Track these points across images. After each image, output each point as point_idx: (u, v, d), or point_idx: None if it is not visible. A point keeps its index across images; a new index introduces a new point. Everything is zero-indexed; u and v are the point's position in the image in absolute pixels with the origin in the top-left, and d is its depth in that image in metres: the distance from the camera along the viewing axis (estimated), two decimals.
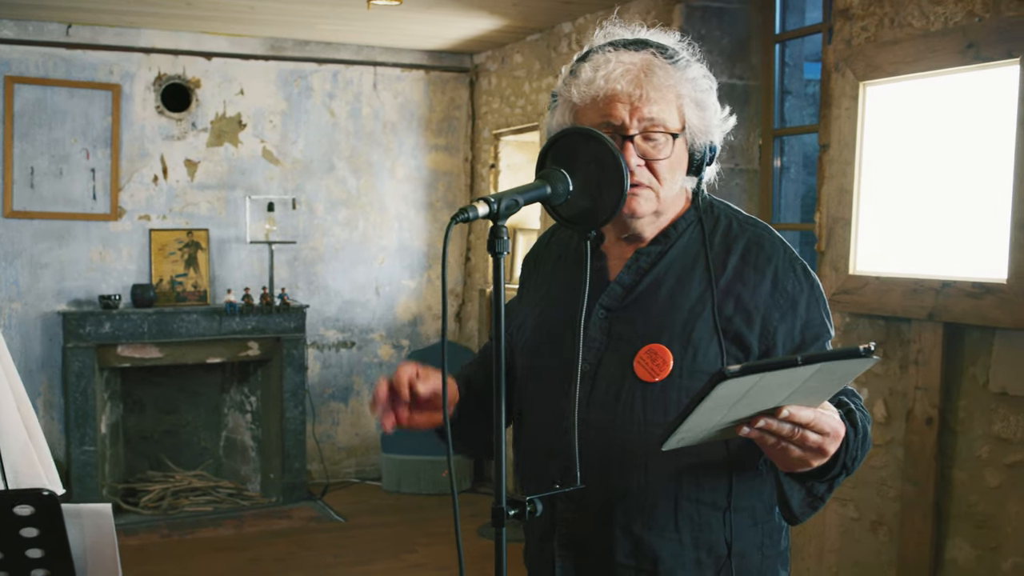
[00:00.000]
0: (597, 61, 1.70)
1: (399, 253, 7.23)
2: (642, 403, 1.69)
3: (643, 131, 1.67)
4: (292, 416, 6.55)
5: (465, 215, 1.44)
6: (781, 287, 1.73)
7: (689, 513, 1.71)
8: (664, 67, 1.68)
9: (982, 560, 3.44)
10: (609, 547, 1.73)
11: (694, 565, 1.73)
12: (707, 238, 1.77)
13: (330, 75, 6.92)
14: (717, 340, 1.68)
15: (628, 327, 1.73)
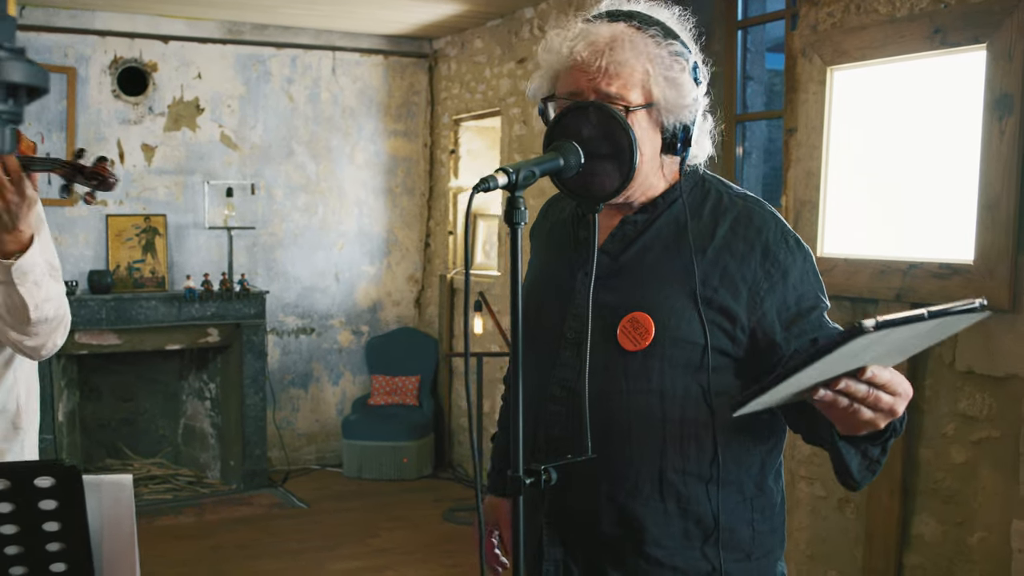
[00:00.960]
0: (569, 30, 1.71)
1: (359, 239, 7.20)
2: (623, 372, 1.70)
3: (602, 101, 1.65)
4: (252, 403, 6.51)
5: (486, 185, 1.44)
6: (772, 258, 1.72)
7: (674, 483, 1.71)
8: (634, 41, 1.66)
9: (948, 535, 3.51)
10: (595, 517, 1.74)
11: (682, 536, 1.73)
12: (693, 210, 1.76)
13: (289, 60, 6.87)
14: (696, 310, 1.68)
15: (612, 295, 1.73)
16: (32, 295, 1.96)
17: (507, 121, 6.34)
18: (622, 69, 1.65)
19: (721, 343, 1.69)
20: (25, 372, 2.23)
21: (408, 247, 7.39)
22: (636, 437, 1.71)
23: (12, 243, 1.93)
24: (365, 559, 5.20)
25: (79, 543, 1.37)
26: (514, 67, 6.25)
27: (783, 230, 1.78)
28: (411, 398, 7.04)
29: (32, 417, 2.25)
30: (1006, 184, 3.28)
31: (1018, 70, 3.25)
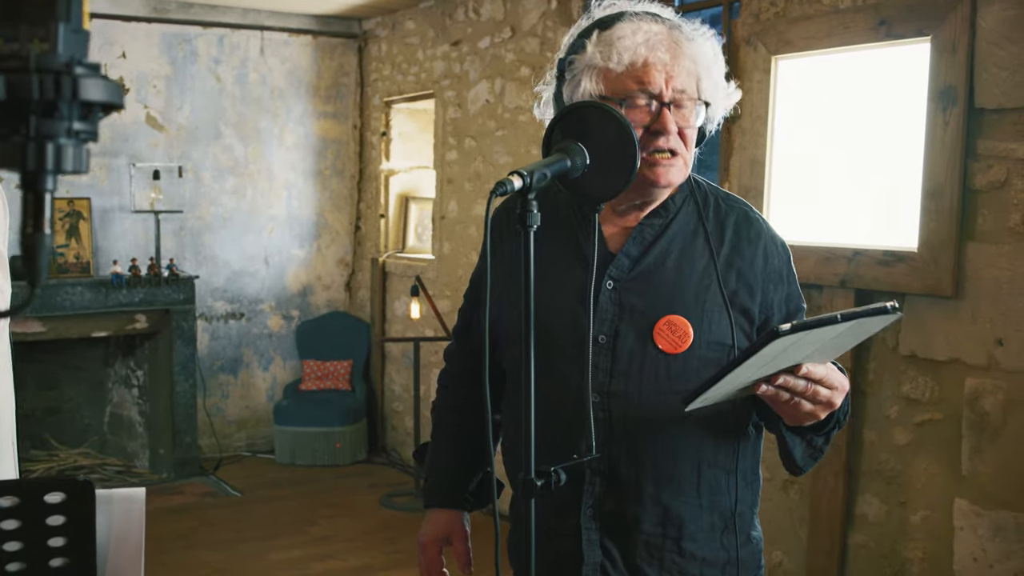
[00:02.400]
0: (628, 29, 1.70)
1: (288, 222, 7.11)
2: (667, 374, 1.73)
3: (674, 99, 1.69)
4: (182, 390, 6.40)
5: (503, 188, 1.43)
6: (770, 260, 1.81)
7: (708, 478, 1.78)
8: (684, 39, 1.71)
9: (891, 514, 3.60)
10: (638, 517, 1.77)
11: (709, 528, 1.80)
12: (702, 212, 1.81)
13: (216, 39, 6.73)
14: (726, 311, 1.74)
15: (640, 298, 1.75)
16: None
17: (441, 104, 6.30)
18: (691, 64, 1.70)
19: (743, 343, 1.76)
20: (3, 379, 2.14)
21: (338, 230, 7.32)
22: (682, 438, 1.75)
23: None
24: (306, 548, 5.16)
25: (84, 559, 1.33)
26: (448, 49, 6.21)
27: (772, 232, 1.86)
28: (343, 383, 6.99)
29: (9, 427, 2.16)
30: (950, 173, 3.35)
31: (962, 63, 3.32)
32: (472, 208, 5.97)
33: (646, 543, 1.78)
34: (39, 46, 0.72)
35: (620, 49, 1.69)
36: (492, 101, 5.79)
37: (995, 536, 3.28)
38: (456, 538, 2.08)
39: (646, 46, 1.68)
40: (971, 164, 3.33)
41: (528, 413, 1.49)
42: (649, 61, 1.68)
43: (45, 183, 0.73)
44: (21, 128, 0.71)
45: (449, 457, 2.11)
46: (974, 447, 3.34)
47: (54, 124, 0.72)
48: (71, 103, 0.72)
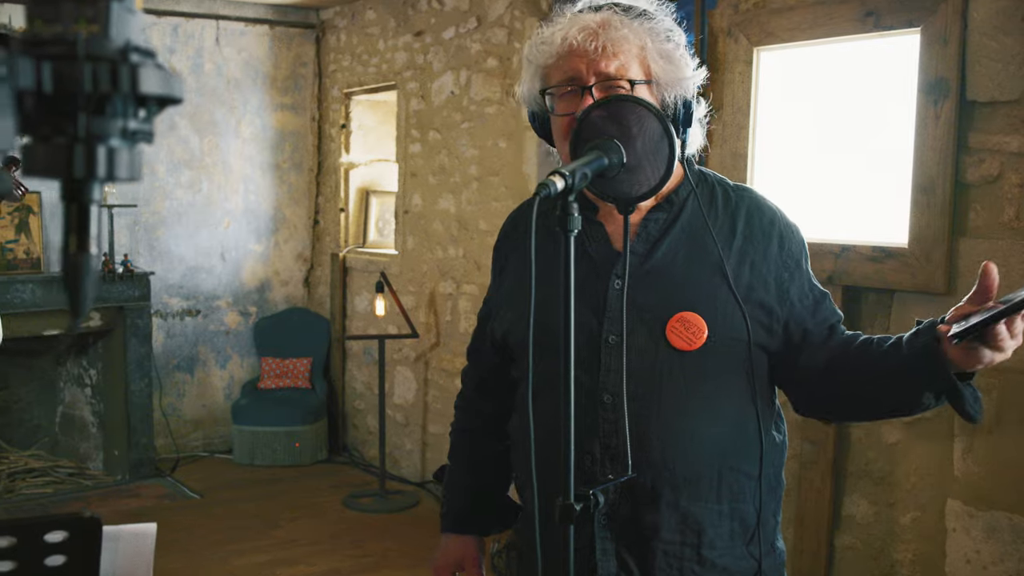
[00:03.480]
0: (556, 23, 1.68)
1: (245, 216, 6.92)
2: (681, 372, 1.65)
3: (602, 83, 1.62)
4: (137, 389, 6.20)
5: (547, 190, 1.32)
6: (787, 248, 1.75)
7: (729, 482, 1.69)
8: (623, 21, 1.65)
9: (880, 515, 3.54)
10: (655, 523, 1.67)
11: (729, 536, 1.71)
12: (708, 205, 1.75)
13: (170, 28, 6.52)
14: (738, 306, 1.66)
15: (649, 296, 1.68)
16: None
17: (404, 95, 6.15)
18: (619, 47, 1.63)
19: (760, 337, 1.69)
20: None
21: (296, 224, 7.14)
22: (700, 438, 1.66)
23: None
24: (271, 552, 5.00)
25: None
26: (411, 40, 6.06)
27: (786, 218, 1.81)
28: (303, 381, 6.82)
29: None
30: (942, 168, 3.29)
31: (954, 54, 3.26)
32: (437, 202, 5.83)
33: (664, 552, 1.69)
34: (87, 28, 0.59)
35: (543, 43, 1.68)
36: (458, 93, 5.66)
37: (989, 537, 3.23)
38: (469, 564, 2.01)
39: (563, 35, 1.65)
40: (963, 158, 3.27)
41: (568, 435, 1.38)
42: (568, 50, 1.64)
43: (91, 193, 0.60)
44: (67, 128, 0.58)
45: (464, 481, 2.05)
46: (967, 447, 3.28)
47: (106, 123, 0.59)
48: (127, 97, 0.59)
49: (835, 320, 1.76)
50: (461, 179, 5.61)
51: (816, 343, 1.72)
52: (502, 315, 1.85)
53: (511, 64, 5.20)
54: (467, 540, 2.01)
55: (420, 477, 6.04)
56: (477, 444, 2.04)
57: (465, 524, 2.02)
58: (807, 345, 1.72)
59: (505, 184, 5.27)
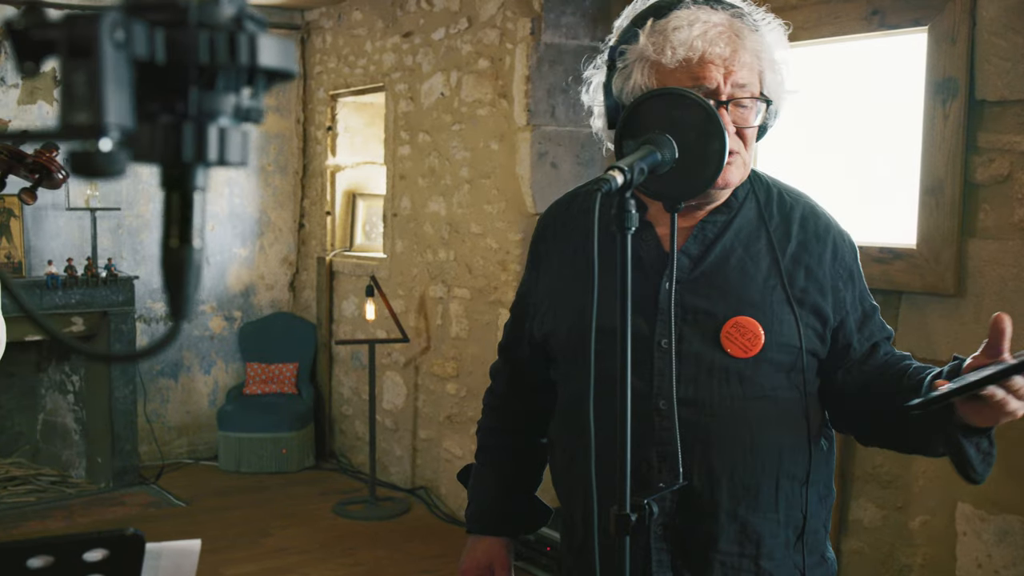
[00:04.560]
0: (684, 19, 1.55)
1: (230, 220, 6.82)
2: (737, 379, 1.60)
3: (733, 97, 1.54)
4: (121, 395, 6.09)
5: (607, 186, 1.27)
6: (840, 256, 1.70)
7: (785, 490, 1.65)
8: (746, 30, 1.57)
9: (888, 519, 3.50)
10: (713, 534, 1.62)
11: (785, 545, 1.67)
12: (764, 208, 1.69)
13: None
14: (792, 312, 1.61)
15: (703, 300, 1.63)
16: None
17: (392, 97, 6.08)
18: (747, 58, 1.56)
19: (813, 345, 1.64)
20: None
21: (281, 228, 7.05)
22: (758, 447, 1.61)
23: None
24: (262, 561, 4.91)
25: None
26: (399, 41, 5.99)
27: (839, 227, 1.75)
28: (289, 386, 6.73)
29: None
30: (951, 168, 3.25)
31: (962, 53, 3.22)
32: (427, 205, 5.76)
33: (722, 563, 1.64)
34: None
35: (675, 42, 1.55)
36: (448, 94, 5.59)
37: (1000, 541, 3.19)
38: (498, 567, 1.94)
39: (703, 39, 1.54)
40: (972, 158, 3.24)
41: (624, 442, 1.32)
42: (706, 56, 1.54)
43: (196, 180, 0.54)
44: (177, 105, 0.51)
45: (493, 481, 1.98)
46: None
47: (218, 99, 0.52)
48: (241, 71, 0.52)
49: (881, 337, 1.70)
50: (452, 181, 5.54)
51: (855, 359, 1.67)
52: (542, 314, 1.79)
53: (503, 65, 5.13)
54: (496, 542, 1.94)
55: (410, 484, 5.96)
56: (508, 444, 1.98)
57: (494, 526, 1.95)
58: (847, 360, 1.67)
59: (497, 187, 5.20)
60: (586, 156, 5.11)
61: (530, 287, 1.87)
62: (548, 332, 1.77)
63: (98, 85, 0.46)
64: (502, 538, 1.95)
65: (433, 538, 5.22)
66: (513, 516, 1.97)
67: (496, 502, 1.96)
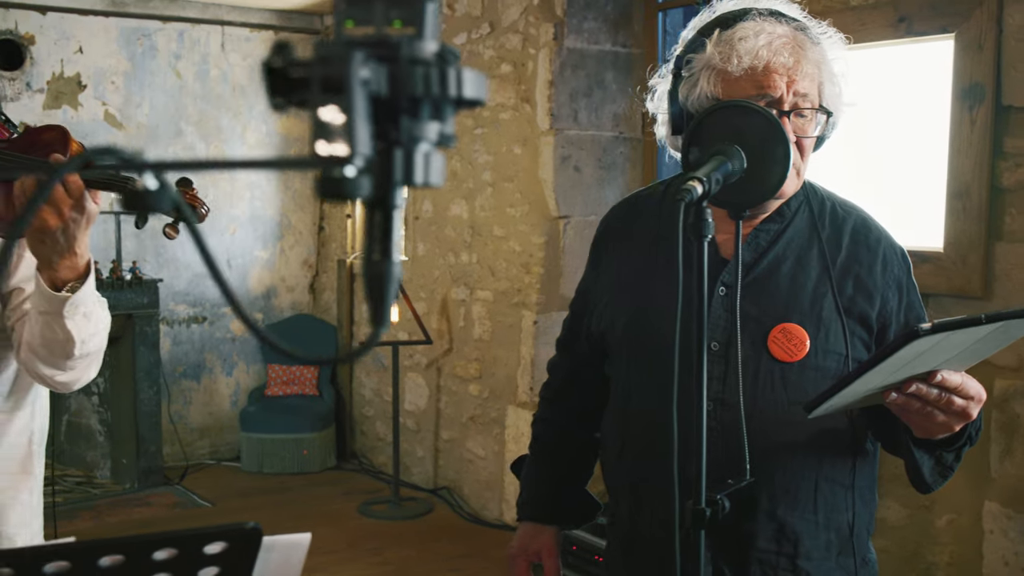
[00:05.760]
0: (750, 30, 1.61)
1: (251, 223, 6.89)
2: (782, 383, 1.66)
3: (795, 106, 1.60)
4: (146, 397, 6.15)
5: (689, 195, 1.32)
6: (889, 267, 1.75)
7: (825, 493, 1.70)
8: (809, 42, 1.64)
9: (914, 518, 3.55)
10: (752, 532, 1.68)
11: (825, 546, 1.72)
12: (817, 219, 1.75)
13: (176, 34, 6.49)
14: (840, 321, 1.67)
15: (753, 305, 1.68)
16: (80, 329, 1.70)
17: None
18: (809, 69, 1.61)
19: (859, 353, 1.69)
20: (42, 408, 1.98)
21: (302, 231, 7.11)
22: (798, 449, 1.67)
23: (67, 270, 1.66)
24: None
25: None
26: None
27: (891, 239, 1.81)
28: (310, 388, 6.79)
29: (40, 461, 2.00)
30: (977, 173, 3.31)
31: (989, 60, 3.28)
32: (448, 208, 5.82)
33: (759, 560, 1.70)
34: (402, 29, 0.58)
35: (741, 51, 1.61)
36: None
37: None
38: (546, 554, 1.99)
39: (768, 49, 1.60)
40: (998, 163, 3.29)
41: (700, 435, 1.38)
42: (770, 66, 1.60)
43: (395, 199, 0.60)
44: (390, 132, 0.57)
45: (546, 471, 2.03)
46: (1004, 449, 3.30)
47: (423, 127, 0.58)
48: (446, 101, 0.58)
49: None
50: (475, 185, 5.60)
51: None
52: (601, 311, 1.85)
53: (526, 70, 5.19)
54: (546, 530, 2.00)
55: (432, 484, 6.02)
56: (561, 437, 2.03)
57: (545, 515, 2.00)
58: None
59: (520, 190, 5.26)
60: (608, 160, 5.17)
61: (589, 285, 1.94)
62: (605, 329, 1.84)
63: (349, 118, 0.52)
64: (551, 527, 2.00)
65: (458, 537, 5.28)
66: (562, 507, 2.02)
67: (546, 492, 2.02)
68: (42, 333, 1.69)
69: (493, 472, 5.46)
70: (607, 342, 1.84)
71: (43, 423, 2.00)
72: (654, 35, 5.20)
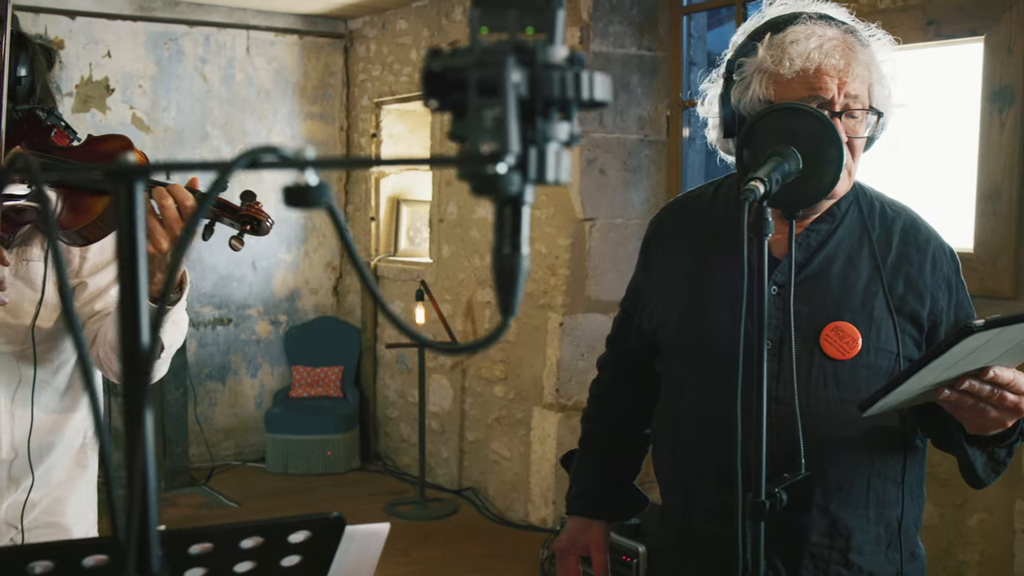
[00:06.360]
0: (801, 33, 1.65)
1: (276, 225, 6.85)
2: (835, 381, 1.69)
3: (846, 107, 1.63)
4: (173, 398, 6.21)
5: (753, 195, 1.36)
6: (939, 267, 1.78)
7: (876, 488, 1.73)
8: (858, 44, 1.67)
9: (946, 518, 3.57)
10: (805, 526, 1.71)
11: (875, 542, 1.75)
12: (867, 219, 1.78)
13: (202, 38, 6.55)
14: (891, 319, 1.70)
15: (805, 304, 1.71)
16: (168, 335, 1.78)
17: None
18: (860, 71, 1.64)
19: (910, 351, 1.72)
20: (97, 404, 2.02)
21: (325, 233, 7.16)
22: (851, 445, 1.70)
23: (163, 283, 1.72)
24: None
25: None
26: None
27: (940, 239, 1.83)
28: (334, 389, 6.83)
29: (95, 455, 2.04)
30: (1008, 174, 3.33)
31: (1019, 63, 3.30)
32: (474, 210, 5.86)
33: (812, 554, 1.73)
34: (535, 36, 0.62)
35: (792, 54, 1.64)
36: None
37: None
38: (594, 548, 2.03)
39: (819, 51, 1.63)
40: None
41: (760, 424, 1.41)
42: (822, 67, 1.63)
43: (526, 196, 0.63)
44: (526, 132, 0.61)
45: (595, 466, 2.07)
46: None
47: (555, 127, 0.62)
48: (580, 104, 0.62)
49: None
50: None
51: None
52: (652, 309, 1.89)
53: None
54: (595, 524, 2.03)
55: (457, 485, 6.05)
56: (611, 432, 2.07)
57: (594, 509, 2.04)
58: None
59: (546, 192, 5.30)
60: (633, 163, 5.20)
61: (640, 283, 1.97)
62: (656, 326, 1.87)
63: (504, 119, 0.56)
64: (600, 521, 2.04)
65: (484, 538, 5.31)
66: (611, 502, 2.06)
67: (595, 487, 2.05)
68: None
69: (519, 473, 5.50)
70: (658, 339, 1.88)
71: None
72: (679, 39, 5.23)
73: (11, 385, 1.85)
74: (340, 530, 1.15)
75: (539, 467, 5.30)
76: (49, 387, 1.91)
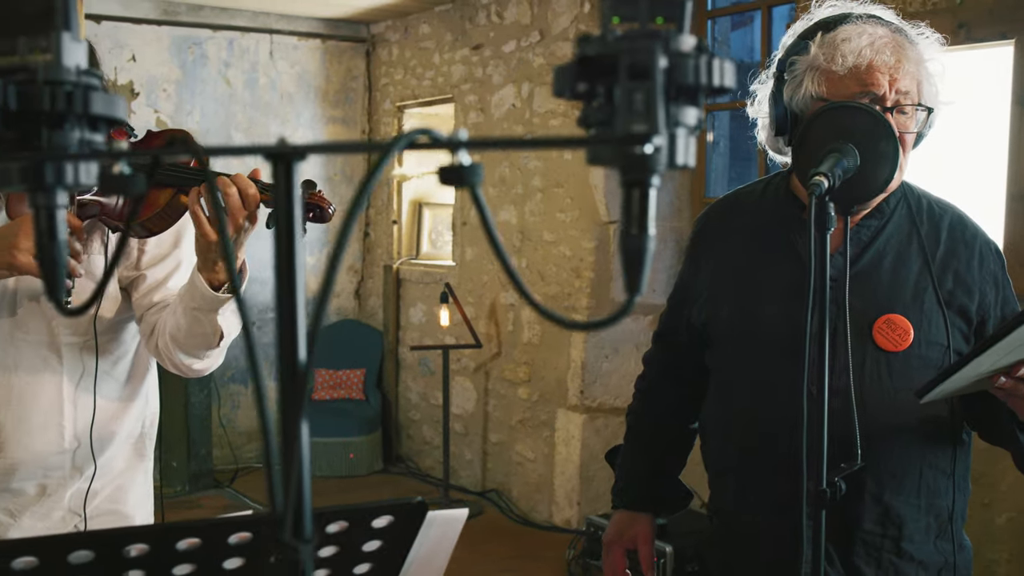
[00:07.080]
0: (852, 31, 1.69)
1: None
2: (888, 372, 1.72)
3: (897, 103, 1.66)
4: (197, 401, 6.25)
5: (818, 190, 1.39)
6: (986, 263, 1.82)
7: (928, 479, 1.76)
8: (907, 42, 1.71)
9: (975, 516, 3.57)
10: (858, 514, 1.74)
11: (925, 531, 1.78)
12: (916, 215, 1.82)
13: (226, 42, 6.59)
14: (941, 313, 1.73)
15: (857, 297, 1.74)
16: (228, 324, 1.81)
17: (461, 108, 6.22)
18: (910, 67, 1.69)
19: (959, 344, 1.76)
20: (154, 395, 2.07)
21: None
22: (904, 436, 1.74)
23: (224, 272, 1.76)
24: None
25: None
26: (469, 53, 6.13)
27: (986, 236, 1.88)
28: (357, 392, 6.86)
29: (152, 444, 2.08)
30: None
31: None
32: (498, 213, 5.88)
33: (864, 542, 1.76)
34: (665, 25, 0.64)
35: (844, 51, 1.68)
36: (519, 105, 5.72)
37: None
38: (641, 541, 2.06)
39: (871, 48, 1.68)
40: None
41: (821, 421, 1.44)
42: (873, 64, 1.67)
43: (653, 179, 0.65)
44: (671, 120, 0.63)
45: (641, 461, 2.10)
46: None
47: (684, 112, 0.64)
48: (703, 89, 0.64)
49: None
50: (524, 190, 5.67)
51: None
52: (702, 304, 1.92)
53: None
54: (642, 518, 2.07)
55: (481, 487, 6.08)
56: (657, 427, 2.10)
57: (641, 503, 2.07)
58: None
59: (571, 195, 5.33)
60: None
61: (688, 279, 2.00)
62: (706, 320, 1.91)
63: (652, 101, 0.59)
64: (646, 515, 2.07)
65: (509, 539, 5.34)
66: (658, 496, 2.09)
67: (640, 481, 2.09)
68: (189, 327, 1.78)
69: (543, 474, 5.52)
70: (709, 334, 1.91)
71: (155, 409, 2.08)
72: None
73: (75, 375, 1.89)
74: (422, 515, 1.18)
75: (563, 468, 5.32)
76: (110, 377, 1.94)
